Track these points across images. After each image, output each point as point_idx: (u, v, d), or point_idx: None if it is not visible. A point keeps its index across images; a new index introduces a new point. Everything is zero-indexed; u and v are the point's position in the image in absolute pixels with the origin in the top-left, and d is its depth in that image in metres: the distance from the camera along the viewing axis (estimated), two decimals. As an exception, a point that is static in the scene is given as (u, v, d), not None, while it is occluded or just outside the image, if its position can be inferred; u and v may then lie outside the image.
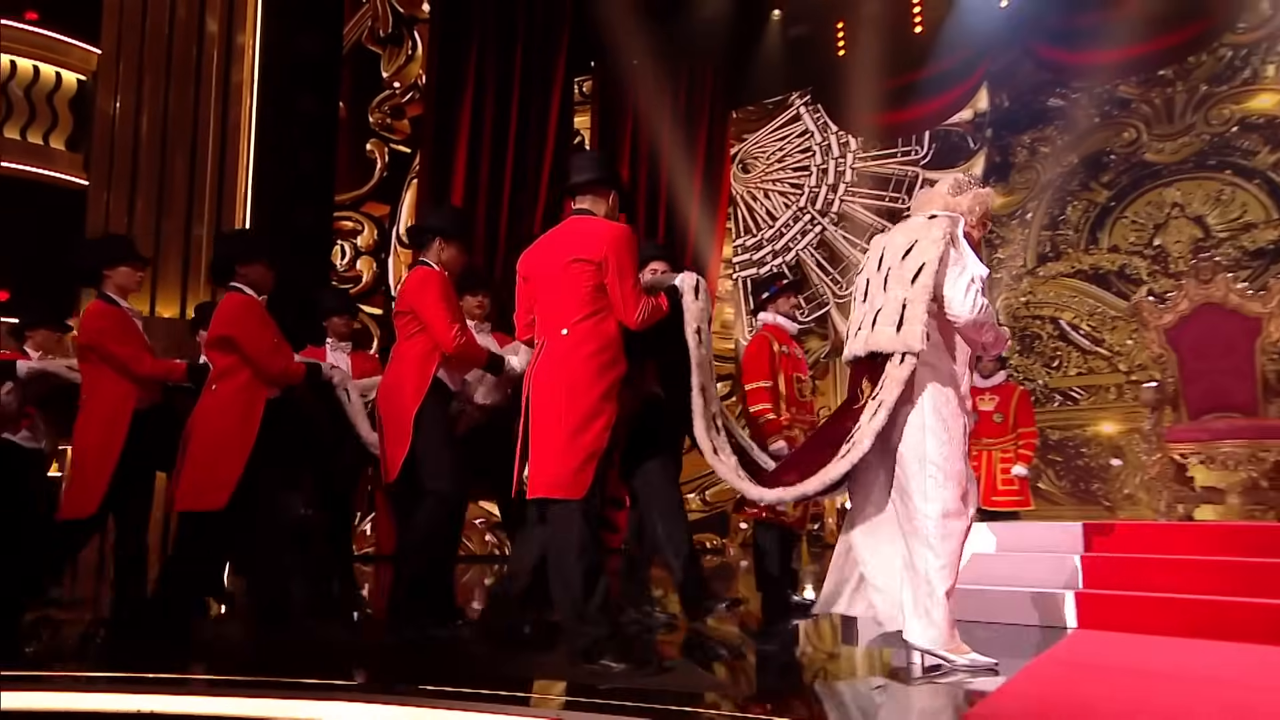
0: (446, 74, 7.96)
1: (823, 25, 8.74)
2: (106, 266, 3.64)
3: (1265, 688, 2.32)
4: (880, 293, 2.56)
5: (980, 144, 8.23)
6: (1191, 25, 6.95)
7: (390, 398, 3.28)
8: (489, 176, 7.93)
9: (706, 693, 2.40)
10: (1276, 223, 6.81)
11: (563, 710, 2.12)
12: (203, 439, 3.39)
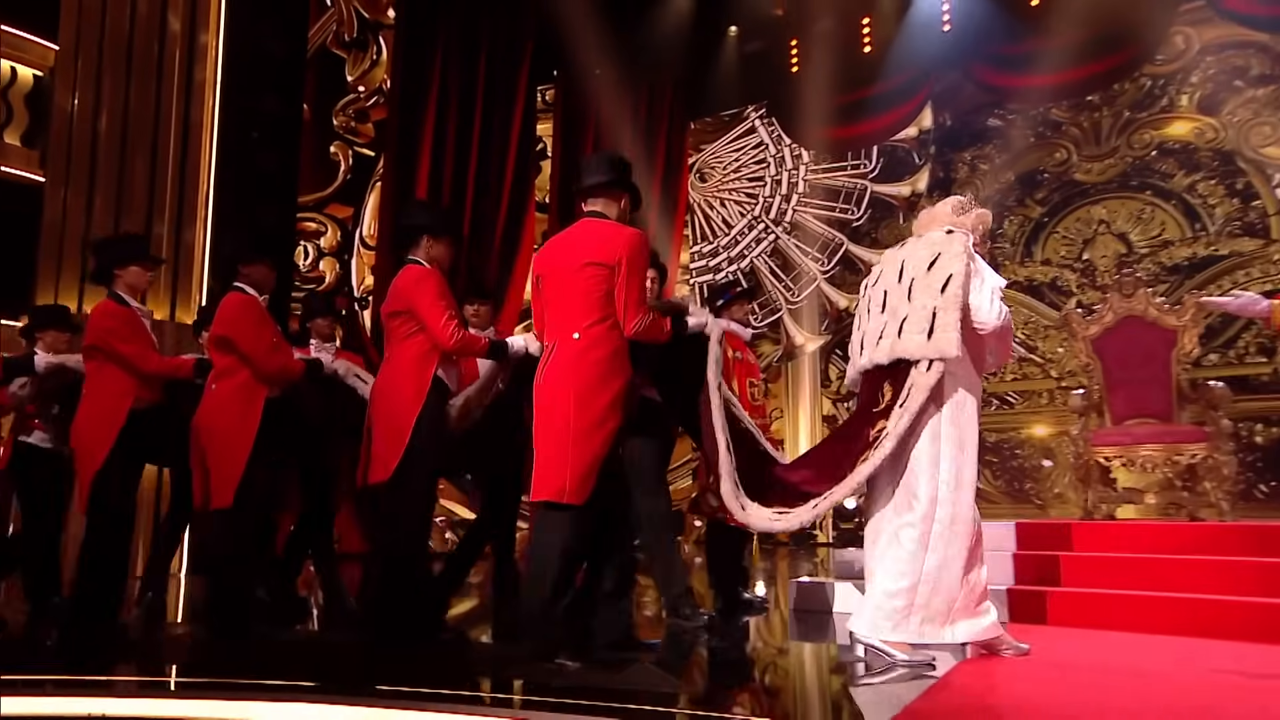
0: (411, 79, 7.93)
1: (777, 42, 8.91)
2: (118, 265, 3.62)
3: (1182, 678, 2.43)
4: (904, 303, 2.59)
5: (924, 160, 8.49)
6: (1116, 55, 7.28)
7: (388, 399, 3.17)
8: (452, 181, 7.93)
9: (660, 690, 2.42)
10: (1189, 241, 7.16)
11: (523, 710, 2.15)
12: (206, 440, 3.40)
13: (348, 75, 8.26)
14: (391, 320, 3.22)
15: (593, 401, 2.60)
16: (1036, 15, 7.60)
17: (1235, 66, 7.08)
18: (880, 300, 2.67)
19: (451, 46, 8.10)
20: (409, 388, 3.11)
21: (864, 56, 8.54)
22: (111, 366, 3.50)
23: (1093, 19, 7.16)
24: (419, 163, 7.86)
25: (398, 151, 7.82)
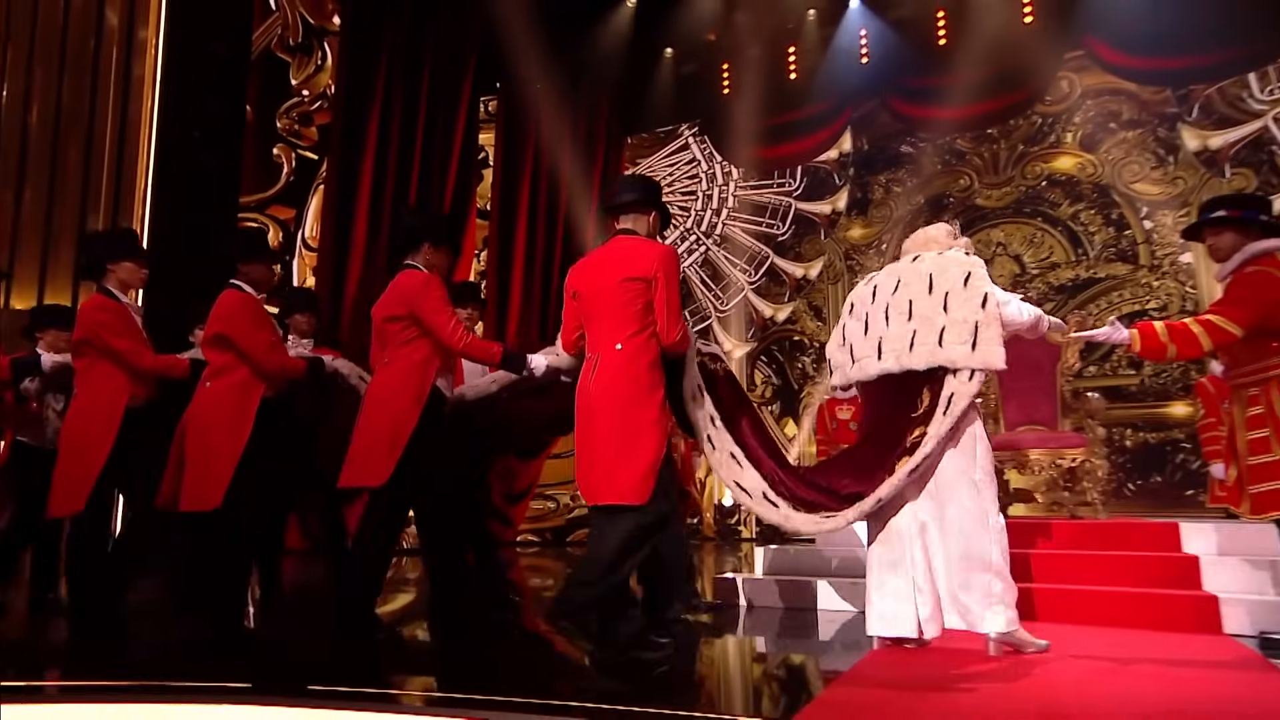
0: (356, 86, 7.85)
1: (710, 65, 9.16)
2: (110, 260, 3.44)
3: (1068, 661, 2.56)
4: (940, 314, 2.62)
5: (844, 181, 8.85)
6: (1011, 94, 7.79)
7: (386, 403, 3.07)
8: (394, 187, 7.89)
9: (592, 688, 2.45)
10: (1073, 264, 7.69)
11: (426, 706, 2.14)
12: (196, 437, 3.20)
13: (292, 79, 8.10)
14: (389, 324, 3.14)
15: (645, 407, 2.65)
16: (944, 54, 8.05)
17: (1110, 111, 7.66)
18: (902, 309, 2.70)
19: (396, 55, 8.05)
20: (409, 394, 3.05)
21: (790, 83, 8.87)
22: (104, 363, 3.32)
23: (991, 60, 7.64)
24: (362, 167, 7.79)
25: (341, 156, 7.73)
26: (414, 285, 3.11)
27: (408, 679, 2.60)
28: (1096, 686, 2.26)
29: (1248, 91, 7.09)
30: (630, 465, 2.60)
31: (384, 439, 3.02)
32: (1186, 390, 6.73)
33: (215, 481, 3.08)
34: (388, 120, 7.92)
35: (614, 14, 8.91)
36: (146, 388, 3.41)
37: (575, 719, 2.01)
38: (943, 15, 8.15)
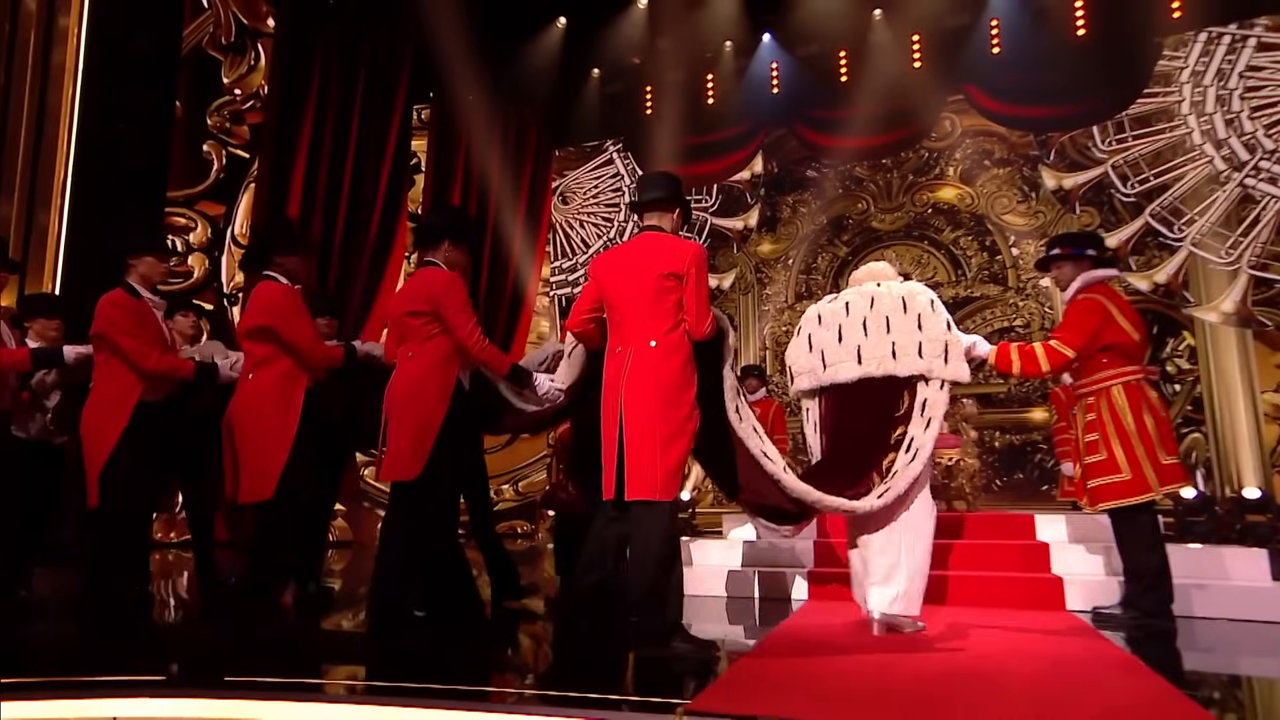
0: (289, 88, 7.68)
1: (634, 87, 9.37)
2: (132, 255, 3.31)
3: (953, 643, 2.71)
4: (916, 331, 2.87)
5: (756, 200, 9.19)
6: (903, 129, 8.34)
7: (410, 399, 2.99)
8: (326, 189, 7.76)
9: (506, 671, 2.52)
10: (954, 284, 8.26)
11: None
12: (245, 431, 3.09)
13: (224, 77, 7.84)
14: (411, 319, 3.06)
15: (680, 403, 2.60)
16: (845, 89, 8.52)
17: (985, 149, 8.29)
18: (879, 323, 2.93)
19: (331, 61, 7.90)
20: (433, 389, 2.99)
21: (708, 107, 9.16)
22: (116, 359, 3.24)
23: (886, 97, 8.16)
24: (294, 169, 7.63)
25: (273, 156, 7.55)
26: (438, 283, 3.04)
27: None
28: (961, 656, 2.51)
29: (1093, 141, 7.84)
30: (663, 462, 2.55)
31: (414, 435, 2.96)
32: (1044, 398, 7.35)
33: (267, 473, 3.00)
34: (321, 123, 7.76)
35: (544, 34, 9.01)
36: (161, 384, 3.29)
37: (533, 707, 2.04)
38: (844, 54, 8.61)
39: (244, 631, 3.09)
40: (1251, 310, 7.16)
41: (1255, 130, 7.32)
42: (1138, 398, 3.19)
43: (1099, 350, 3.22)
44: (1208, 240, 7.36)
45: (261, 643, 2.89)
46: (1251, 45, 7.37)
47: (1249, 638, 2.99)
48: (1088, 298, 3.25)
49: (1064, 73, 7.63)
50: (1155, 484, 3.12)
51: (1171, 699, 2.07)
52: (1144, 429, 3.16)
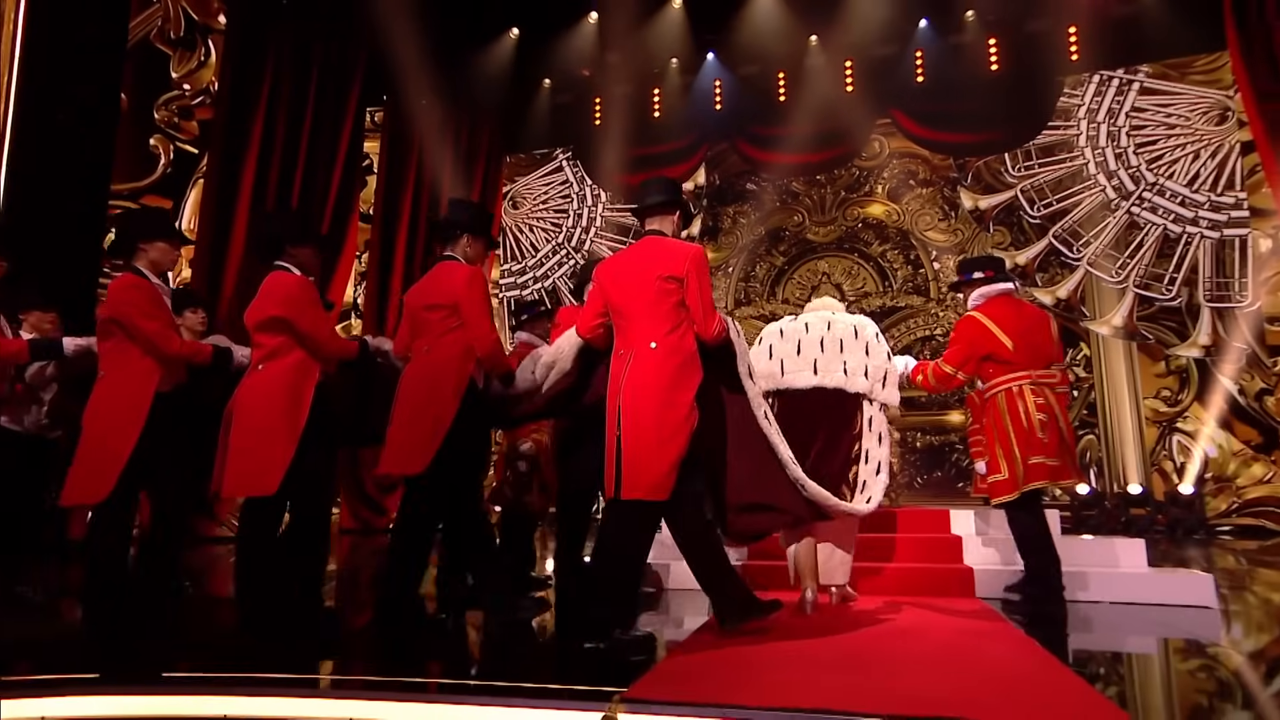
0: (240, 86, 7.47)
1: (584, 98, 9.41)
2: (143, 239, 3.09)
3: (872, 628, 2.85)
4: (865, 356, 3.26)
5: (699, 210, 9.33)
6: (836, 149, 8.66)
7: (425, 390, 2.88)
8: (277, 188, 7.58)
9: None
10: (881, 294, 8.56)
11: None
12: (250, 422, 2.89)
13: (172, 71, 7.56)
14: (429, 312, 2.98)
15: (678, 405, 2.55)
16: (783, 109, 8.75)
17: (910, 170, 8.64)
18: (835, 344, 3.29)
19: (284, 60, 7.71)
20: (450, 383, 2.88)
21: (654, 120, 9.27)
22: (132, 345, 3.00)
23: (821, 118, 8.45)
24: (245, 166, 7.42)
25: (223, 153, 7.34)
26: (460, 278, 2.96)
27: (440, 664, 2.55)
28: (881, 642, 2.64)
29: (1005, 167, 8.25)
30: (659, 462, 2.52)
31: (426, 428, 2.86)
32: (961, 402, 7.67)
33: (271, 468, 2.81)
34: (273, 121, 7.57)
35: (497, 43, 8.99)
36: (175, 372, 3.11)
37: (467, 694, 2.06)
38: (783, 76, 8.85)
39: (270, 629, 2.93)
40: (1137, 325, 7.67)
41: (1139, 164, 7.92)
42: (1013, 403, 3.43)
43: (983, 361, 3.52)
44: (1101, 261, 7.87)
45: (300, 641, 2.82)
46: (1135, 89, 8.00)
47: (1127, 618, 3.22)
48: (965, 317, 3.63)
49: (980, 103, 8.10)
50: (1020, 482, 3.39)
51: (1053, 669, 2.26)
52: (1020, 430, 3.40)
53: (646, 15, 8.65)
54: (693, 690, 2.05)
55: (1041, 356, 3.48)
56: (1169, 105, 7.84)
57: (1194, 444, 7.36)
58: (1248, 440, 7.21)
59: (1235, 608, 3.50)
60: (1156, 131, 7.86)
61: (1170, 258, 7.61)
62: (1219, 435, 7.27)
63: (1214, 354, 7.38)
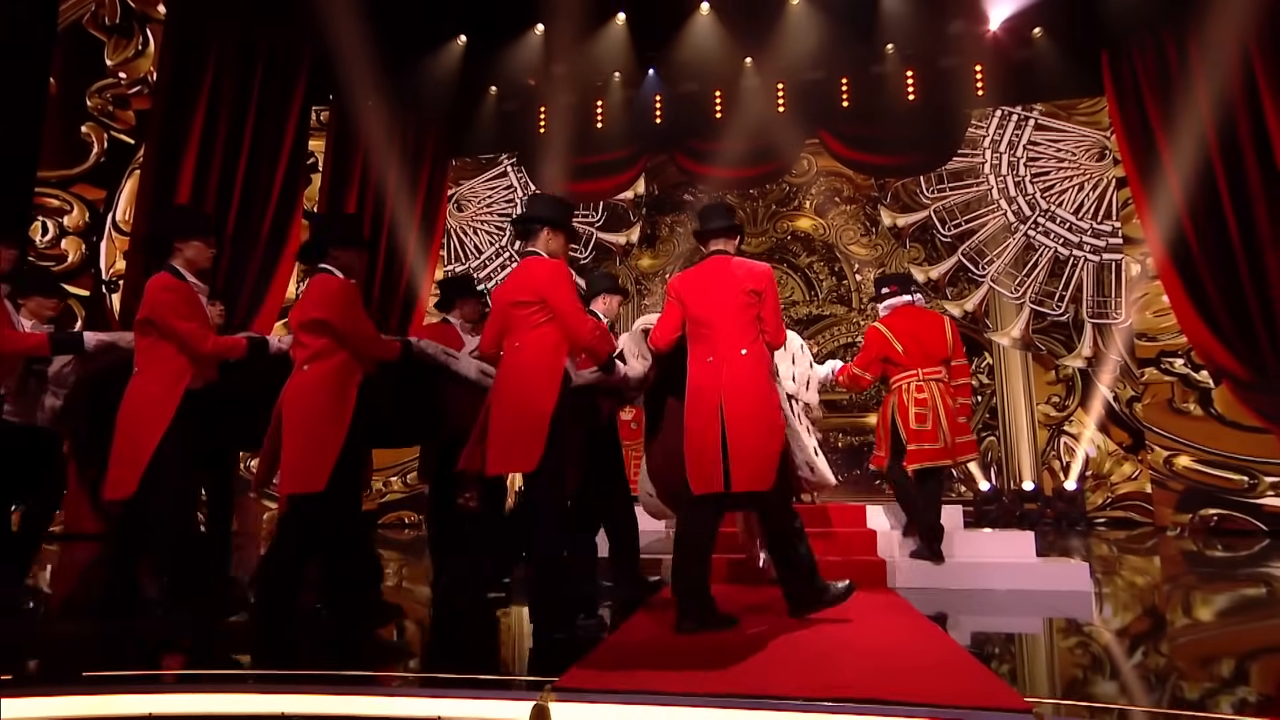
0: (180, 77, 7.15)
1: (529, 106, 9.37)
2: (179, 238, 3.05)
3: (789, 618, 2.91)
4: (790, 365, 3.92)
5: (638, 218, 9.41)
6: (768, 165, 8.95)
7: (520, 389, 2.81)
8: (219, 181, 7.25)
9: None
10: (808, 303, 8.81)
11: None
12: (298, 421, 2.85)
13: (107, 59, 7.12)
14: (517, 309, 2.91)
15: (774, 404, 2.80)
16: (720, 125, 8.89)
17: (835, 188, 8.96)
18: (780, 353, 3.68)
19: (227, 53, 7.40)
20: (544, 378, 2.81)
21: (596, 131, 9.30)
22: (166, 344, 2.97)
23: (754, 135, 8.66)
24: (184, 159, 7.10)
25: (161, 145, 6.97)
26: (543, 274, 2.91)
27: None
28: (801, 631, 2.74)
29: (920, 189, 8.62)
30: (768, 455, 2.72)
31: (529, 425, 2.79)
32: (879, 403, 7.94)
33: (320, 465, 2.79)
34: (215, 115, 7.26)
35: (445, 49, 8.86)
36: (208, 370, 3.08)
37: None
38: (719, 94, 9.03)
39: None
40: (1032, 337, 8.15)
41: (1034, 192, 8.52)
42: (900, 398, 4.01)
43: (884, 363, 4.06)
44: (1002, 278, 8.35)
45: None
46: (1031, 125, 8.63)
47: (1018, 603, 3.42)
48: (870, 326, 4.19)
49: (898, 129, 8.51)
50: (895, 464, 4.00)
51: (955, 652, 2.39)
52: (903, 420, 3.95)
53: (591, 30, 8.69)
54: (622, 679, 2.08)
55: (931, 357, 3.97)
56: (1058, 141, 8.49)
57: (1077, 445, 7.88)
58: (1120, 442, 7.81)
59: (1107, 590, 3.79)
60: (1048, 164, 8.49)
61: (1060, 277, 8.17)
62: (1098, 437, 7.81)
63: (1094, 365, 7.96)
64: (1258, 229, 6.80)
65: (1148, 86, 7.48)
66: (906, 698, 1.88)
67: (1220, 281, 7.00)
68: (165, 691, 2.05)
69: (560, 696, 1.90)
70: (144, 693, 2.03)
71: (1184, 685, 2.20)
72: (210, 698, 2.01)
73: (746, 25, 8.56)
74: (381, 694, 2.01)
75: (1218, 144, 6.99)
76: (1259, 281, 6.80)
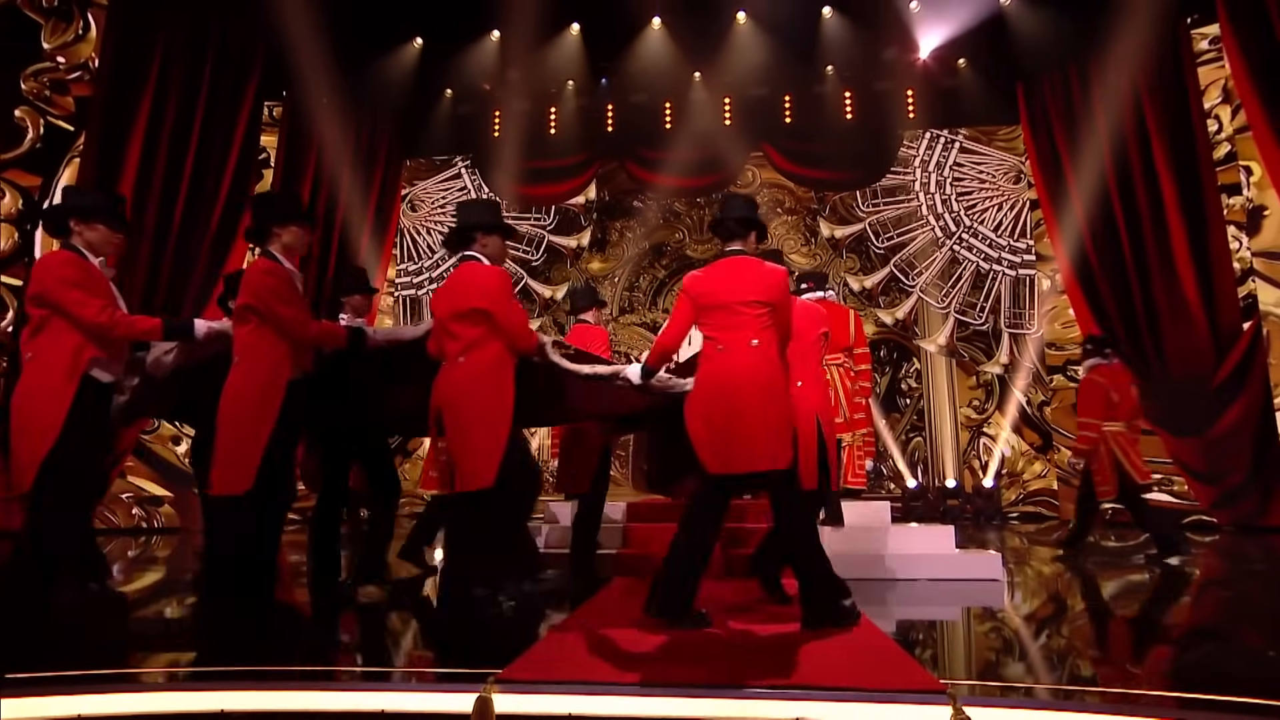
0: (124, 65, 6.82)
1: (484, 110, 9.28)
2: (277, 223, 2.88)
3: (723, 612, 2.90)
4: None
5: (589, 222, 9.41)
6: (713, 175, 9.12)
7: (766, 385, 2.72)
8: (165, 174, 6.90)
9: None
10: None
11: None
12: (462, 417, 2.70)
13: (44, 42, 6.70)
14: (749, 307, 2.70)
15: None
16: (669, 135, 8.95)
17: (778, 199, 9.16)
18: None
19: (175, 43, 7.08)
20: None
21: (550, 136, 9.26)
22: (268, 331, 2.79)
23: (701, 146, 8.76)
24: (128, 150, 6.78)
25: (103, 133, 6.61)
26: (781, 279, 2.79)
27: None
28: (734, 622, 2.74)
29: (856, 203, 8.87)
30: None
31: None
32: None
33: (488, 459, 2.66)
34: (161, 105, 6.94)
35: (401, 51, 8.67)
36: (308, 359, 2.93)
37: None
38: (669, 106, 9.09)
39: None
40: (956, 344, 8.46)
41: (960, 210, 8.89)
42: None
43: None
44: (930, 289, 8.67)
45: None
46: (956, 147, 9.06)
47: (939, 592, 3.55)
48: None
49: (837, 146, 8.76)
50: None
51: (878, 639, 2.51)
52: None
53: (546, 38, 8.63)
54: (565, 670, 2.06)
55: (836, 345, 4.22)
56: (980, 164, 8.95)
57: (994, 445, 8.23)
58: (1032, 443, 8.23)
59: (1018, 579, 3.98)
60: (971, 184, 8.95)
61: (981, 289, 8.59)
62: (1012, 438, 8.19)
63: (1010, 371, 8.33)
64: (1147, 252, 7.39)
65: (1056, 118, 8.04)
66: (834, 684, 1.93)
67: (1116, 297, 7.57)
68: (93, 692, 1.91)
69: (504, 688, 1.87)
70: (69, 694, 1.90)
71: (1080, 664, 2.35)
72: (142, 697, 1.90)
73: (696, 41, 8.67)
74: (324, 689, 1.95)
75: (1114, 173, 7.58)
76: (1147, 299, 7.38)
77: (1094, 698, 1.93)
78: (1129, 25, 7.14)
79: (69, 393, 2.59)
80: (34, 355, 2.67)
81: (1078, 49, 7.69)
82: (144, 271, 6.68)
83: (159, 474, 7.17)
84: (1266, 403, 6.63)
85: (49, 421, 2.56)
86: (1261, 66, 6.37)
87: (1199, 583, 4.05)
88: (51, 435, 2.54)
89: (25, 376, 2.68)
